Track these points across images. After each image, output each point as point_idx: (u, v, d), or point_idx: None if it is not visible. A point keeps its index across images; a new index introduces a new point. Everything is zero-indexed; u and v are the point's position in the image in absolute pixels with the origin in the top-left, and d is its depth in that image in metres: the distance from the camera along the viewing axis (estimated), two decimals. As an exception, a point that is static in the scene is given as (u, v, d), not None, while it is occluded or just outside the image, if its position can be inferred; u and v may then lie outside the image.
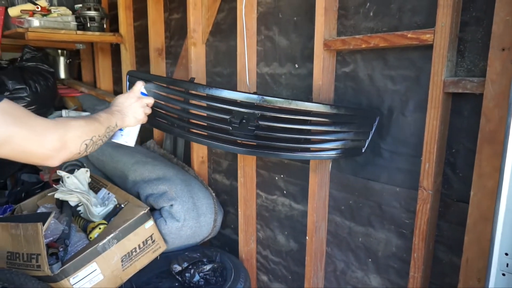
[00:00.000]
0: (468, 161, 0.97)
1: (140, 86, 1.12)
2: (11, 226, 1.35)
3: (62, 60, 2.97)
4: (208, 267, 1.50)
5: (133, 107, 1.07)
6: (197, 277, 1.48)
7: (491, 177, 0.84)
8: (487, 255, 0.79)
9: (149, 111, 1.12)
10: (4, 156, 0.73)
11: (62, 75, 2.98)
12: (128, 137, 1.12)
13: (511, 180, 0.69)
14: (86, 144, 0.85)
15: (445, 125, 0.99)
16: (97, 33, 2.31)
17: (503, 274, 0.72)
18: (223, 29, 1.73)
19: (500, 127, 0.81)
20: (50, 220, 1.39)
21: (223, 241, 1.92)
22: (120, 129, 1.09)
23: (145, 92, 1.14)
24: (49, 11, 2.19)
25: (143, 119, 1.11)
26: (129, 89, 1.27)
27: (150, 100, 1.12)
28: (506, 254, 0.71)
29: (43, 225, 1.29)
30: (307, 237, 1.40)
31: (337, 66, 1.27)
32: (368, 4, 1.15)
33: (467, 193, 0.94)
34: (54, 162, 0.79)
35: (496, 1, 0.81)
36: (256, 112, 1.09)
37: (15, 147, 0.72)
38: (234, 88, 1.62)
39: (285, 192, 1.54)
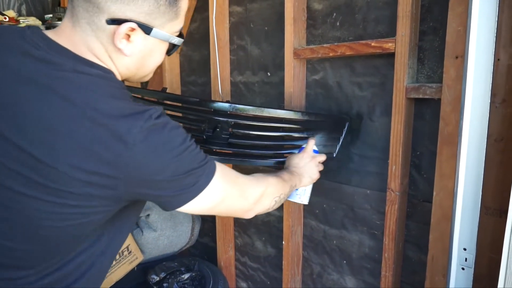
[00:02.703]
0: (431, 162, 1.01)
1: (312, 144, 1.10)
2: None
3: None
4: (186, 276, 1.50)
5: (308, 167, 1.07)
6: (175, 287, 1.47)
7: (451, 177, 0.89)
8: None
9: (322, 168, 1.11)
10: (214, 213, 0.77)
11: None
12: (304, 196, 1.11)
13: (466, 179, 0.73)
14: (275, 201, 0.88)
15: (409, 129, 1.04)
16: (69, 43, 2.28)
17: (463, 269, 0.76)
18: (196, 38, 1.75)
19: (457, 130, 0.86)
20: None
21: (202, 250, 1.92)
22: (296, 189, 1.08)
23: (317, 150, 1.12)
24: (17, 22, 2.15)
25: (317, 177, 1.09)
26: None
27: (323, 158, 1.11)
28: (465, 249, 0.75)
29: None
30: (283, 242, 1.42)
31: (307, 74, 1.31)
32: (335, 14, 1.20)
33: (431, 193, 0.98)
34: (251, 214, 0.84)
35: (448, 13, 0.87)
36: (230, 120, 1.12)
37: (227, 205, 0.77)
38: (208, 97, 1.64)
39: (261, 198, 1.56)
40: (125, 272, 1.48)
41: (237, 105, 1.11)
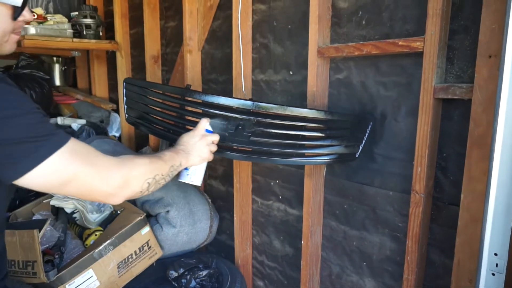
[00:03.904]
0: (459, 165, 0.99)
1: (204, 123, 1.09)
2: (6, 233, 1.34)
3: (57, 67, 2.98)
4: (204, 273, 1.51)
5: (198, 146, 1.04)
6: (193, 283, 1.48)
7: (480, 180, 0.86)
8: (478, 256, 0.81)
9: (214, 148, 1.09)
10: (69, 193, 0.74)
11: (57, 82, 2.98)
12: (194, 176, 1.09)
13: (498, 183, 0.71)
14: (148, 183, 0.85)
15: (436, 130, 1.02)
16: (93, 40, 2.32)
17: (493, 274, 0.74)
18: (219, 36, 1.75)
19: (488, 132, 0.83)
20: (46, 227, 1.39)
21: (219, 247, 1.93)
22: (186, 168, 1.07)
23: (210, 129, 1.11)
24: (45, 19, 2.21)
25: (208, 157, 1.07)
26: (125, 97, 1.29)
27: (216, 138, 1.09)
28: (495, 254, 0.73)
29: (39, 232, 1.29)
30: (302, 242, 1.41)
31: (330, 73, 1.29)
32: (361, 12, 1.18)
33: (458, 196, 0.96)
34: (116, 200, 0.79)
35: (482, 11, 0.84)
36: (252, 118, 1.11)
37: (80, 186, 0.72)
38: (229, 95, 1.64)
39: (280, 197, 1.56)
40: (145, 267, 1.50)
41: (259, 103, 1.11)
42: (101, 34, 2.41)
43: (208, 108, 1.14)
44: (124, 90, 1.23)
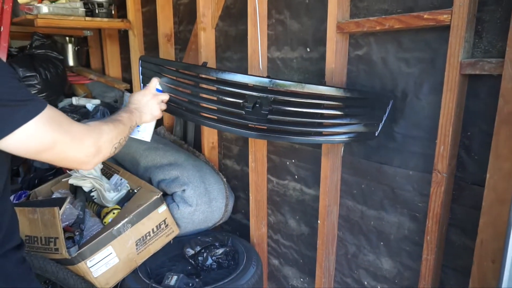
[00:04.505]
0: (484, 143, 0.96)
1: (155, 83, 1.14)
2: (28, 210, 1.38)
3: (70, 47, 2.97)
4: (220, 250, 1.52)
5: (150, 104, 1.10)
6: (210, 261, 1.50)
7: (508, 159, 0.83)
8: (503, 237, 0.79)
9: (164, 107, 1.15)
10: (46, 160, 0.76)
11: (71, 62, 2.99)
12: (145, 133, 1.15)
13: (530, 161, 0.69)
14: (115, 147, 0.89)
15: (460, 108, 0.98)
16: (106, 19, 2.30)
17: (520, 254, 0.72)
18: (233, 13, 1.71)
19: (518, 109, 0.80)
20: (66, 205, 1.41)
21: (234, 226, 1.95)
22: (137, 125, 1.12)
23: (160, 89, 1.16)
24: (56, -4, 2.18)
25: (159, 115, 1.14)
26: (142, 75, 1.27)
27: (166, 97, 1.15)
28: (524, 234, 0.71)
29: (60, 209, 1.32)
30: (318, 221, 1.41)
31: (349, 49, 1.25)
32: (382, -15, 1.13)
33: (481, 176, 0.93)
34: (89, 167, 0.82)
35: (517, -21, 0.79)
36: (269, 96, 1.09)
37: (57, 153, 0.74)
38: (245, 73, 1.61)
39: (296, 177, 1.55)
40: (162, 245, 1.53)
41: (277, 81, 1.08)
42: (113, 12, 2.38)
43: (225, 86, 1.12)
44: (140, 68, 1.22)
